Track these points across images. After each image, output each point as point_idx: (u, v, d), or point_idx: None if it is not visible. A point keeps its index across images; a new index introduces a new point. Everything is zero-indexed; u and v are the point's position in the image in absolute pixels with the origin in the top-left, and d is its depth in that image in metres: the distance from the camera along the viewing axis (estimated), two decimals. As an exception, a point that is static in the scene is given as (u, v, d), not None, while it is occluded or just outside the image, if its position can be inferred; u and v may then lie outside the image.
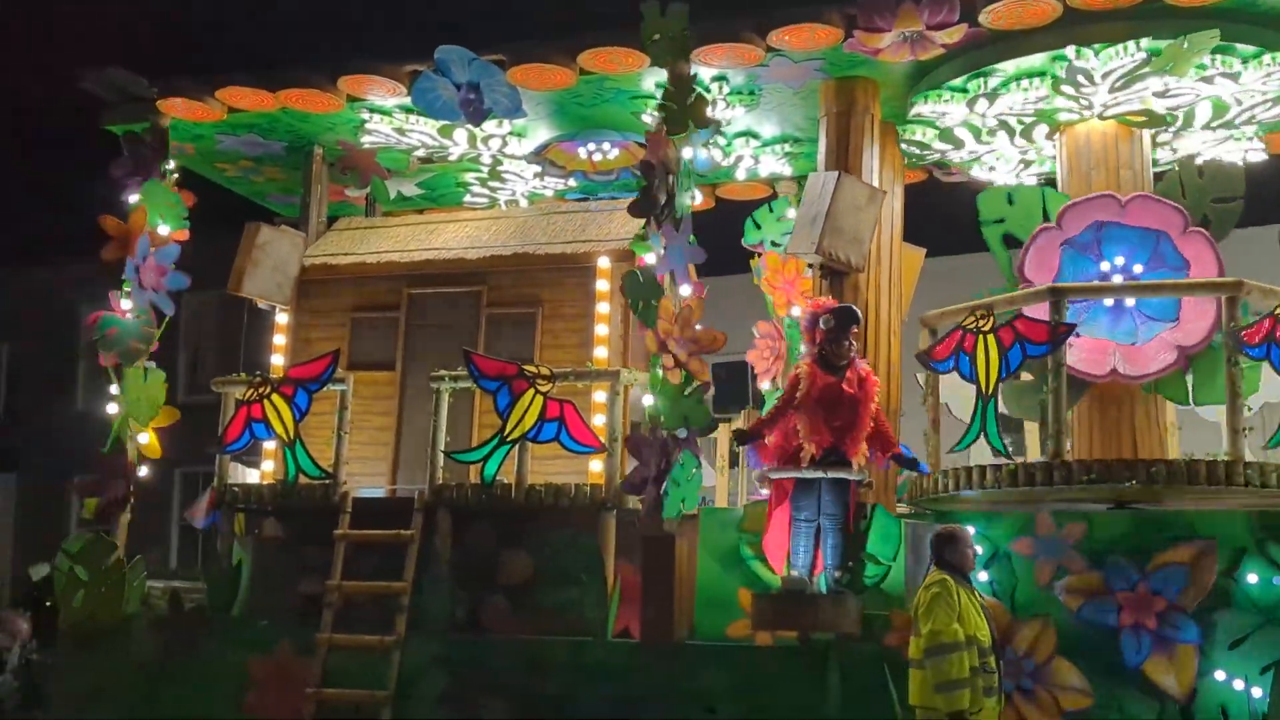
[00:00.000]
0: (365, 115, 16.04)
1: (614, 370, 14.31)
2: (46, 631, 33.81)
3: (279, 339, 16.75)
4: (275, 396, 14.97)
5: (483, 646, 13.85)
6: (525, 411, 14.12)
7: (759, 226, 17.32)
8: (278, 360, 16.61)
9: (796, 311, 16.53)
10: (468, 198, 18.20)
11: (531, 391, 14.12)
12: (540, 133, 16.39)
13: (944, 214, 17.62)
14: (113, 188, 16.21)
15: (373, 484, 15.58)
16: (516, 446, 14.30)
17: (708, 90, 14.53)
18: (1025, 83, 14.40)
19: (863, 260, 13.91)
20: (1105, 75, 13.94)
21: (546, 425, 14.09)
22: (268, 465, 16.27)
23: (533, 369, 14.09)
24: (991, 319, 12.43)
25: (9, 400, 49.86)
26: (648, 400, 13.56)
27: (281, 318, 16.71)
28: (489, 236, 16.13)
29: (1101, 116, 14.86)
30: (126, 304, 16.13)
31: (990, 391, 12.46)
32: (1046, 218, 14.11)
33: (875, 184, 14.75)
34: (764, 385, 17.07)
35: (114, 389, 16.63)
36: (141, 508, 40.44)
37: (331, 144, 16.78)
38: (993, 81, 14.48)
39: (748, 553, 13.60)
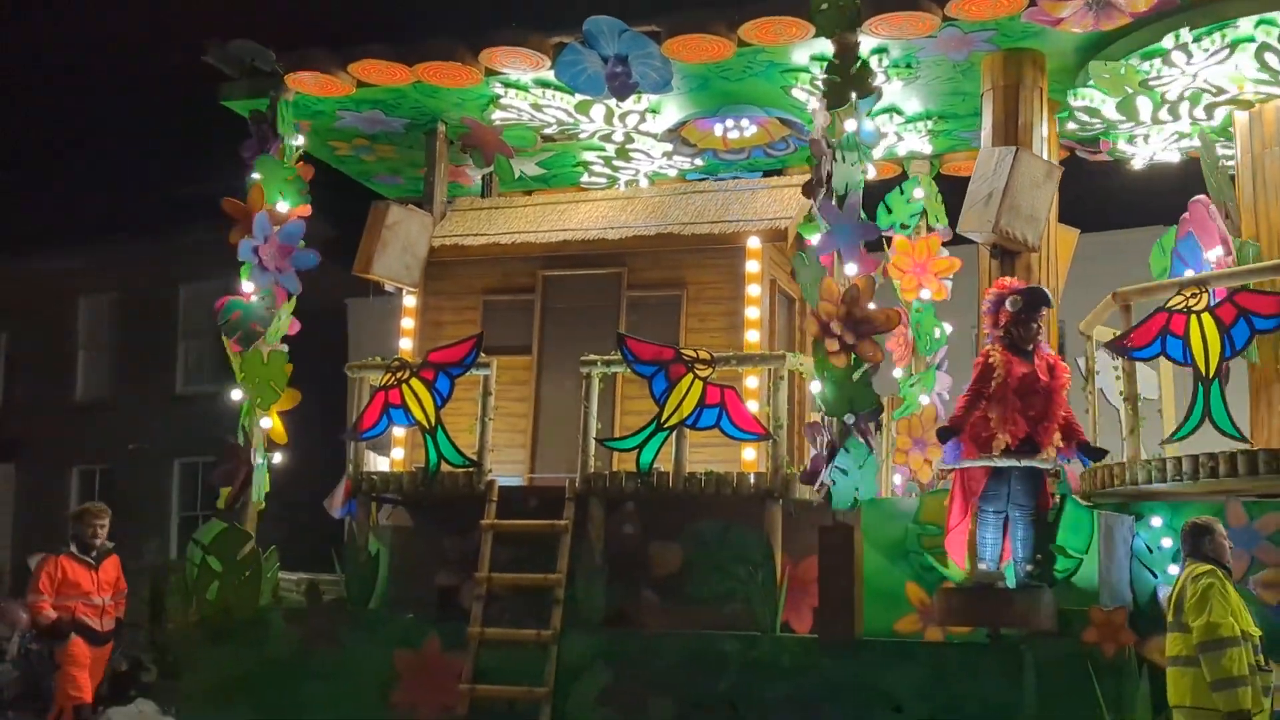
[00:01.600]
0: (499, 90, 15.18)
1: (779, 354, 13.50)
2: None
3: (407, 322, 15.96)
4: (415, 381, 14.10)
5: (645, 642, 13.00)
6: (683, 397, 13.28)
7: (890, 210, 16.28)
8: (406, 344, 15.81)
9: (926, 294, 15.90)
10: (585, 178, 17.20)
11: (690, 376, 13.30)
12: (678, 109, 15.51)
13: (1084, 191, 16.52)
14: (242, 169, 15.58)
15: (509, 472, 14.78)
16: (673, 434, 13.37)
17: (867, 64, 13.21)
18: (1209, 56, 13.21)
19: (1039, 239, 13.11)
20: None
21: (706, 411, 13.26)
22: (398, 453, 15.37)
23: (690, 353, 13.28)
24: (1205, 296, 11.20)
25: (8, 390, 48.84)
26: (815, 386, 12.77)
27: (409, 300, 15.90)
28: (627, 217, 15.41)
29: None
30: (249, 285, 15.33)
31: (1212, 374, 11.40)
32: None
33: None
34: (896, 373, 15.90)
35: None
36: (141, 499, 39.56)
37: (455, 121, 15.84)
38: (1179, 54, 13.24)
39: (921, 545, 12.77)
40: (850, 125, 13.10)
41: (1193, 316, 11.72)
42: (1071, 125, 15.25)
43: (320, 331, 41.55)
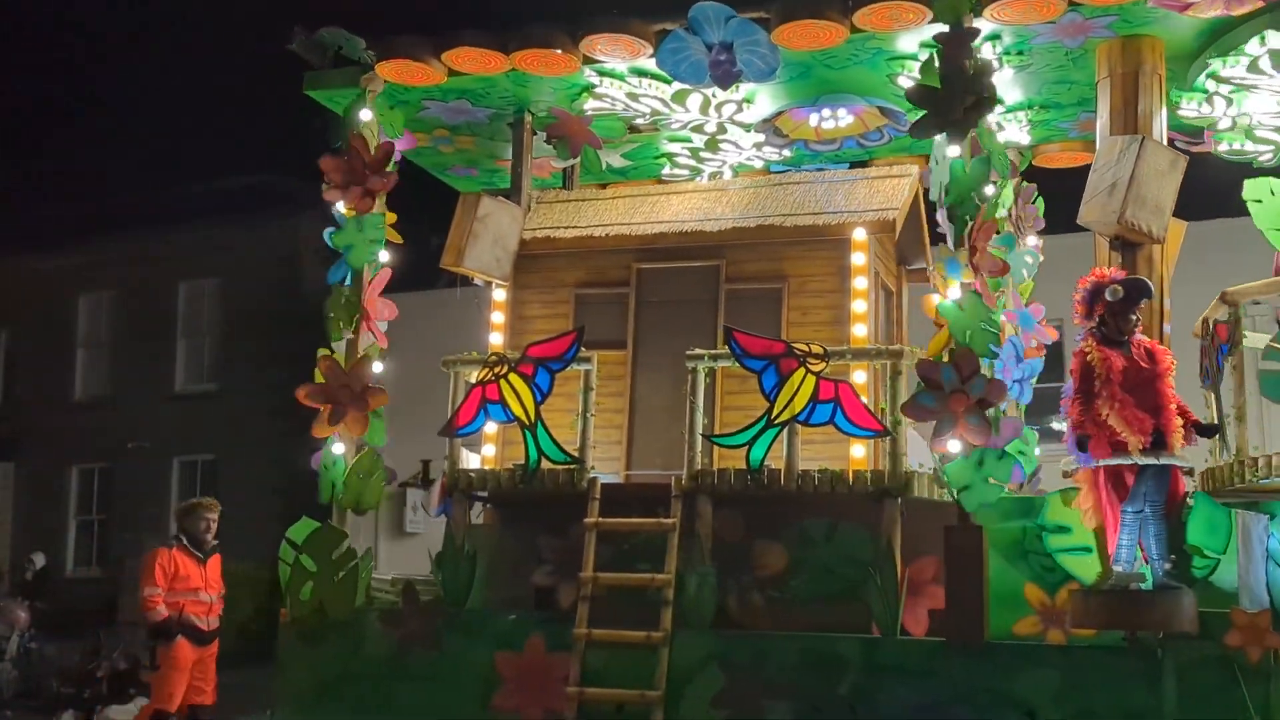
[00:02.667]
0: (594, 79, 14.73)
1: (898, 348, 12.98)
2: (43, 620, 32.58)
3: (496, 317, 15.49)
4: (513, 376, 13.61)
5: (760, 644, 12.55)
6: (795, 392, 12.77)
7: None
8: (496, 339, 15.37)
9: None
10: (666, 171, 16.52)
11: (802, 371, 12.78)
12: (773, 98, 15.01)
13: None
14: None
15: (603, 470, 14.23)
16: (784, 430, 12.86)
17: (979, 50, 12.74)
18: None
19: (1164, 231, 12.55)
20: None
21: (820, 407, 12.77)
22: (488, 450, 14.78)
23: (803, 347, 12.79)
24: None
25: (7, 388, 48.93)
26: None
27: (498, 294, 15.44)
28: (722, 208, 14.96)
29: None
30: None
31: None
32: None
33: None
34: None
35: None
36: (140, 498, 39.08)
37: (543, 111, 15.36)
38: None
39: (1052, 545, 12.34)
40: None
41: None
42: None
43: (308, 332, 41.18)
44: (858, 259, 14.11)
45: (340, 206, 14.65)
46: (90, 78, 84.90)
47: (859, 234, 14.10)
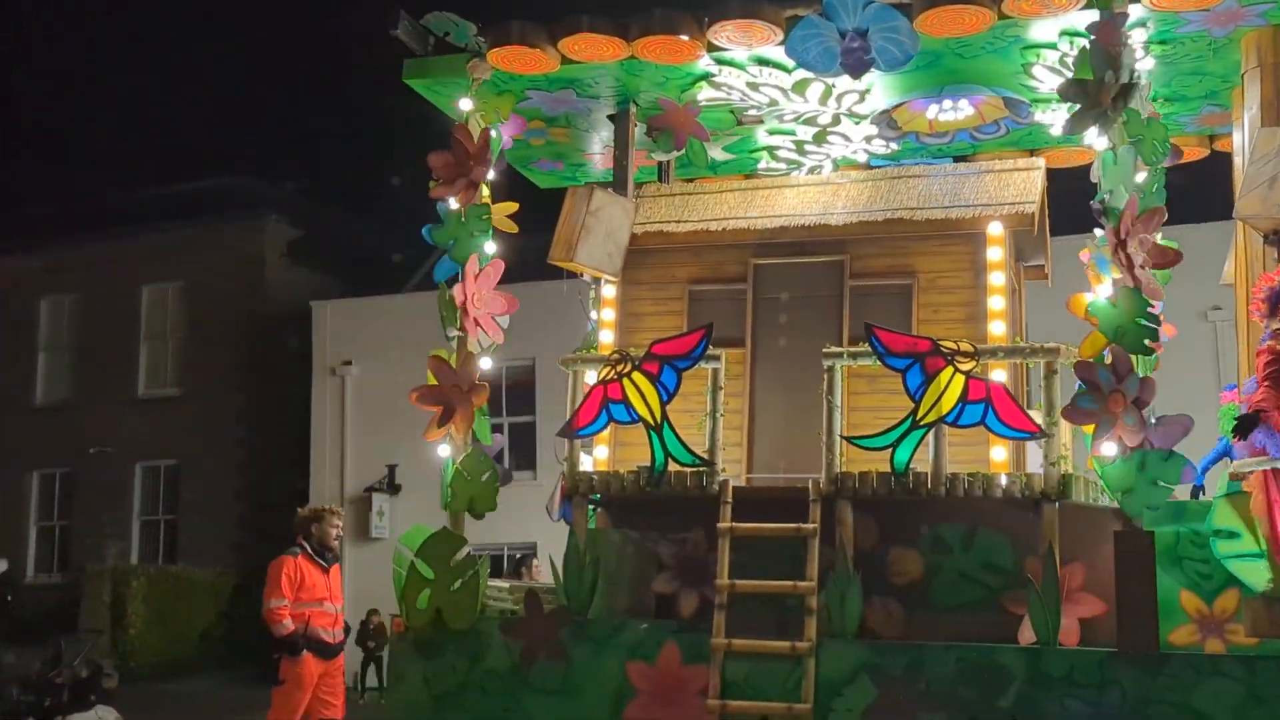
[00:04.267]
0: (713, 68, 14.13)
1: (1053, 346, 12.36)
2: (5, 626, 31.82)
3: (606, 314, 14.81)
4: (637, 375, 12.92)
5: (913, 654, 11.93)
6: (943, 392, 12.16)
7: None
8: (606, 337, 14.70)
9: None
10: (762, 165, 15.85)
11: (950, 370, 12.17)
12: (892, 88, 14.44)
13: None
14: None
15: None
16: (931, 431, 12.31)
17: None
18: None
19: (1323, 225, 11.74)
20: None
21: (969, 407, 12.17)
22: (601, 451, 14.17)
23: (951, 344, 12.18)
24: None
25: None
26: None
27: (608, 291, 14.78)
28: (844, 202, 14.33)
29: None
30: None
31: None
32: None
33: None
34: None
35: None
36: (102, 503, 38.58)
37: (650, 102, 14.78)
38: None
39: (1221, 551, 11.63)
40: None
41: None
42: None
43: (272, 336, 40.52)
44: (994, 254, 13.51)
45: (453, 203, 14.15)
46: (51, 79, 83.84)
47: (995, 228, 13.53)
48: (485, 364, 13.71)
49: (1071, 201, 14.90)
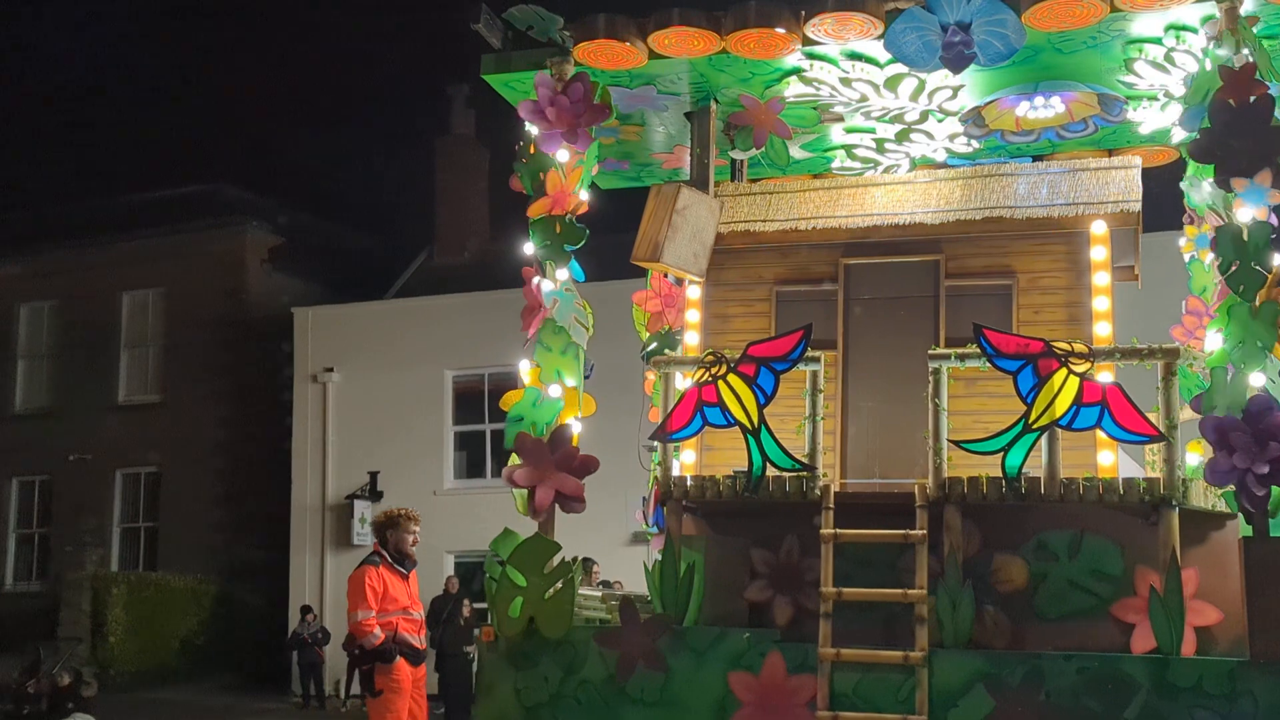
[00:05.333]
0: (804, 64, 13.72)
1: (1171, 347, 12.08)
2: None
3: (691, 315, 14.40)
4: (732, 377, 12.49)
5: (1031, 664, 11.55)
6: (1056, 395, 11.77)
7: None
8: (692, 339, 14.28)
9: None
10: (836, 164, 15.32)
11: (1064, 372, 11.79)
12: (991, 83, 14.03)
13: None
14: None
15: (813, 477, 12.95)
16: (1043, 435, 11.93)
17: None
18: None
19: None
20: None
21: (1084, 410, 11.79)
22: (688, 456, 13.72)
23: (1064, 345, 11.83)
24: None
25: None
26: (1257, 379, 11.44)
27: (693, 292, 14.37)
28: (937, 200, 14.02)
29: None
30: (562, 273, 13.54)
31: None
32: None
33: None
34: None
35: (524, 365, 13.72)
36: (82, 510, 38.24)
37: (731, 99, 14.38)
38: None
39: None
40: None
41: None
42: None
43: (253, 342, 40.02)
44: (1098, 253, 13.21)
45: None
46: (31, 84, 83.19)
47: (1098, 227, 13.22)
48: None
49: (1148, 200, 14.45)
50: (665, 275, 14.50)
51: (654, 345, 15.61)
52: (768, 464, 12.49)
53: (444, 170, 47.71)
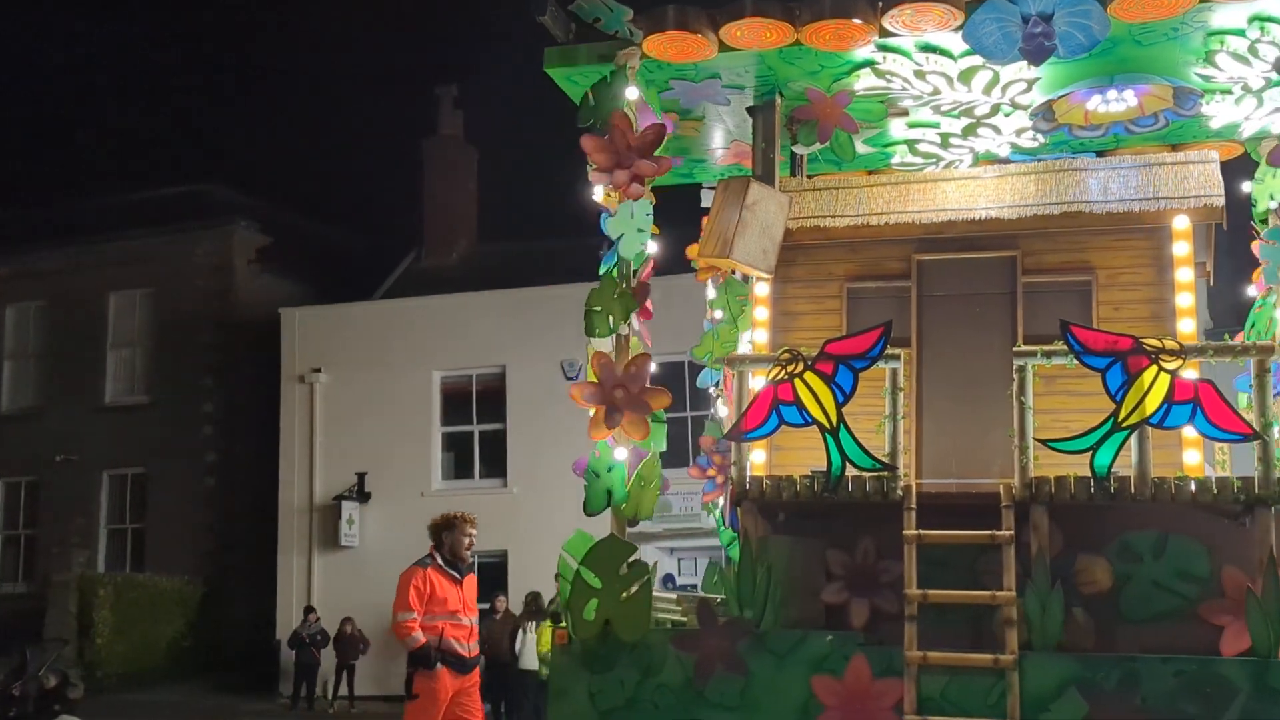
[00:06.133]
0: (877, 56, 13.39)
1: (1266, 344, 12.03)
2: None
3: (760, 313, 14.12)
4: (809, 375, 12.21)
5: (1128, 666, 11.31)
6: (1146, 392, 11.55)
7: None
8: (761, 337, 14.00)
9: None
10: (896, 160, 15.12)
11: (1154, 369, 11.57)
12: (1066, 76, 13.68)
13: None
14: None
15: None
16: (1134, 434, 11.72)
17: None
18: None
19: None
20: None
21: (1176, 408, 11.58)
22: (758, 456, 13.29)
23: (1154, 342, 11.64)
24: None
25: None
26: None
27: (760, 289, 14.11)
28: (1011, 195, 13.82)
29: None
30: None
31: None
32: None
33: None
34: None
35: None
36: (68, 511, 37.88)
37: (797, 92, 14.03)
38: None
39: None
40: None
41: None
42: None
43: (240, 343, 39.62)
44: (1180, 249, 13.04)
45: (599, 192, 13.30)
46: (17, 85, 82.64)
47: (1180, 222, 13.05)
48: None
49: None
50: (732, 272, 14.03)
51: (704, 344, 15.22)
52: (847, 464, 12.23)
53: (432, 171, 47.42)
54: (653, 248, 13.20)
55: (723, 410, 14.91)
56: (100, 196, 50.50)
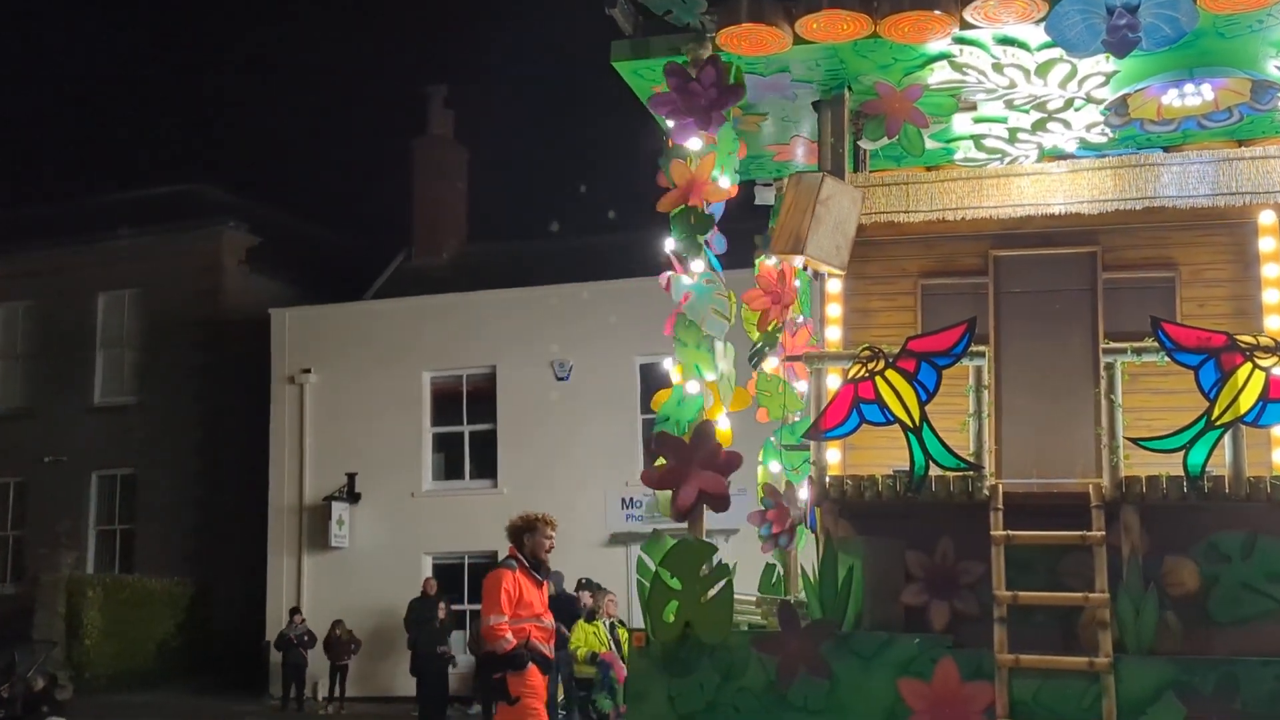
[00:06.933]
0: (953, 49, 13.09)
1: None
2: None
3: (832, 309, 14.02)
4: (891, 373, 12.03)
5: (1226, 670, 11.08)
6: (1240, 390, 11.35)
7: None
8: (833, 334, 13.90)
9: None
10: (958, 155, 14.78)
11: (1248, 366, 11.37)
12: (1144, 69, 13.37)
13: None
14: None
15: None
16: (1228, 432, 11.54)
17: None
18: None
19: None
20: None
21: (1271, 406, 11.39)
22: (833, 455, 13.03)
23: (1249, 339, 11.48)
24: None
25: None
26: None
27: (833, 286, 14.02)
28: (1089, 190, 13.69)
29: None
30: (697, 265, 12.86)
31: None
32: None
33: None
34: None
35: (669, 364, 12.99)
36: (57, 512, 37.53)
37: (865, 87, 13.73)
38: None
39: None
40: None
41: None
42: None
43: (229, 343, 39.28)
44: (1266, 244, 12.93)
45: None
46: (4, 84, 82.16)
47: (1267, 217, 12.97)
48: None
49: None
50: (804, 268, 13.71)
51: (760, 344, 14.87)
52: (930, 463, 12.01)
53: (422, 171, 47.13)
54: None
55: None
56: (89, 196, 50.13)
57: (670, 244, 13.00)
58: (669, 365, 12.85)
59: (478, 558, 38.37)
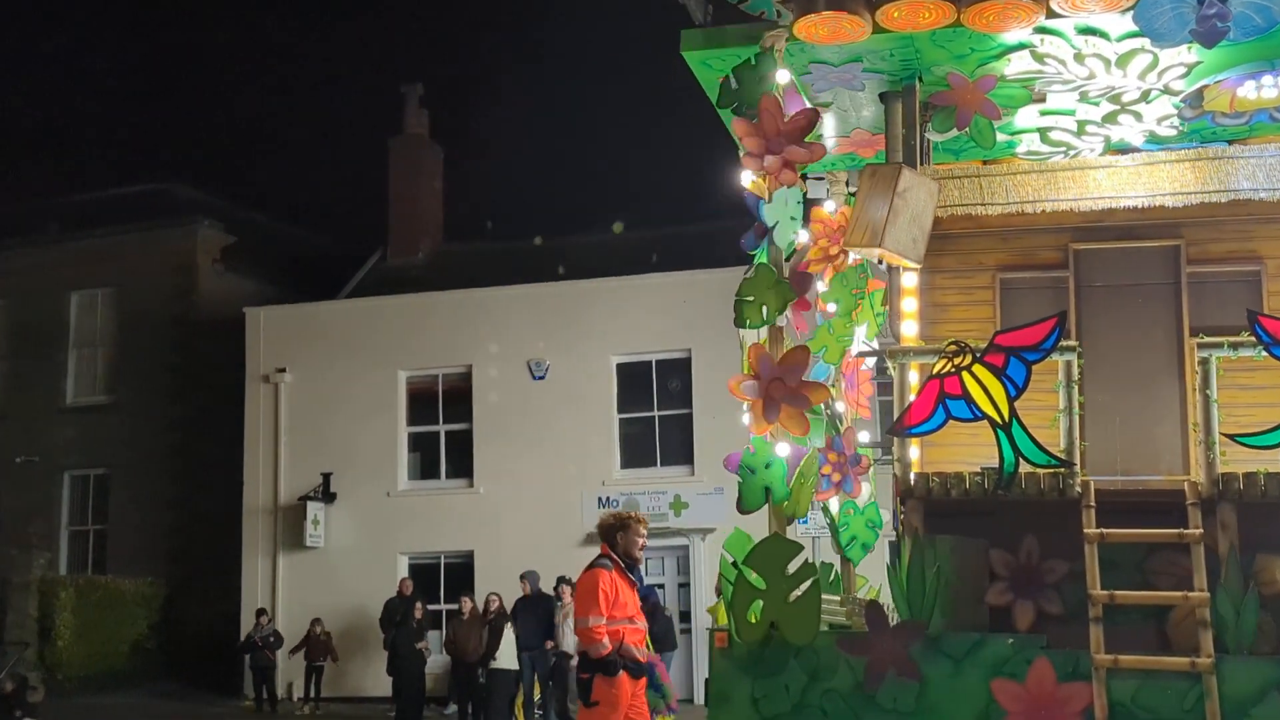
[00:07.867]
0: (1034, 38, 12.84)
1: None
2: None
3: (908, 304, 13.67)
4: (978, 368, 11.75)
5: None
6: None
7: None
8: (909, 329, 13.54)
9: None
10: (1021, 149, 14.61)
11: None
12: (1225, 61, 13.07)
13: None
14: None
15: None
16: None
17: None
18: None
19: None
20: None
21: None
22: (913, 452, 12.86)
23: None
24: None
25: None
26: None
27: (908, 280, 13.66)
28: (1171, 183, 13.34)
29: None
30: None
31: None
32: None
33: None
34: None
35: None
36: (29, 513, 36.95)
37: (937, 78, 13.60)
38: None
39: None
40: None
41: None
42: None
43: (203, 343, 38.79)
44: None
45: (748, 177, 12.73)
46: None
47: None
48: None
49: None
50: (879, 262, 13.36)
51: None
52: (1020, 460, 11.74)
53: (397, 170, 46.68)
54: (804, 236, 12.51)
55: (839, 406, 14.12)
56: (62, 195, 49.52)
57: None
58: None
59: (454, 557, 38.13)
